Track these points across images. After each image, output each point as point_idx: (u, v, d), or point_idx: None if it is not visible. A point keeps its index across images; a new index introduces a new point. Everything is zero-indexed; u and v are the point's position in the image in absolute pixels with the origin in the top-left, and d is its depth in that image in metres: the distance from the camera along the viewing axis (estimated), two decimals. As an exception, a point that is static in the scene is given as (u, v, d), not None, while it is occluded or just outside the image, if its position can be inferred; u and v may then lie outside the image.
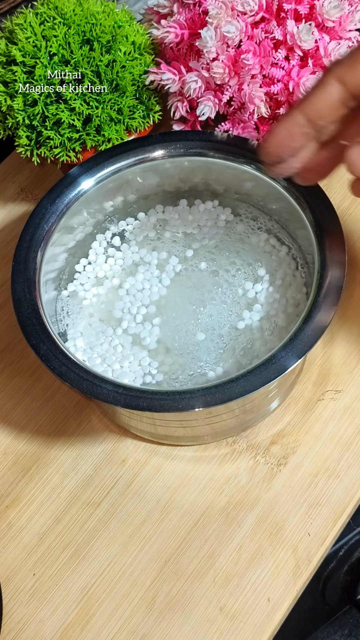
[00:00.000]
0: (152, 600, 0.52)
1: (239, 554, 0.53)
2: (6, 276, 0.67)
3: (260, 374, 0.47)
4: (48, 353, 0.49)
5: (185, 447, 0.57)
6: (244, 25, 0.58)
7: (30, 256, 0.53)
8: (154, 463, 0.57)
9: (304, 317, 0.49)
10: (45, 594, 0.53)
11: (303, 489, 0.55)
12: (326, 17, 0.58)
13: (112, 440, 0.58)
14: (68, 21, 0.59)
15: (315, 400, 0.58)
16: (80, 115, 0.59)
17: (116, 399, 0.47)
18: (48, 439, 0.59)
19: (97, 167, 0.57)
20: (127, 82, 0.60)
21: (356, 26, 0.59)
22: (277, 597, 0.52)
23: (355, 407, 0.58)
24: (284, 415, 0.58)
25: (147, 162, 0.58)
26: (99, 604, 0.53)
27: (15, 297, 0.51)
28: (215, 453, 0.57)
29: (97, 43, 0.59)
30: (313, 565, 0.53)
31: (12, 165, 0.74)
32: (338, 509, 0.54)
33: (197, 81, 0.60)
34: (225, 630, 0.51)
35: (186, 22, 0.61)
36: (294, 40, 0.57)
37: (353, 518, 0.56)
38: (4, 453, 0.59)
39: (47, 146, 0.60)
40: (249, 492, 0.55)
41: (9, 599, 0.53)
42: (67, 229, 0.57)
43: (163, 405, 0.46)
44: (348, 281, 0.62)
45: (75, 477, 0.57)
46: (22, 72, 0.58)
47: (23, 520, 0.56)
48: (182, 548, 0.54)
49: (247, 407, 0.53)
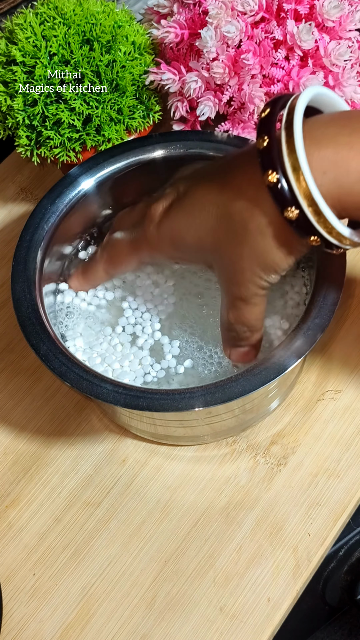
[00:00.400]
0: (152, 600, 0.52)
1: (239, 554, 0.53)
2: (6, 276, 0.67)
3: (260, 373, 0.47)
4: (48, 353, 0.49)
5: (185, 447, 0.57)
6: (244, 25, 0.58)
7: (30, 256, 0.53)
8: (154, 463, 0.57)
9: (304, 317, 0.49)
10: (45, 594, 0.53)
11: (303, 489, 0.55)
12: (326, 17, 0.58)
13: (112, 440, 0.58)
14: (68, 21, 0.59)
15: (315, 400, 0.58)
16: (80, 115, 0.59)
17: (116, 398, 0.47)
18: (48, 439, 0.59)
19: (97, 167, 0.57)
20: (127, 82, 0.60)
21: (356, 26, 0.59)
22: (277, 597, 0.52)
23: (355, 407, 0.58)
24: (284, 415, 0.58)
25: (147, 162, 0.58)
26: (99, 604, 0.53)
27: (15, 297, 0.51)
28: (215, 453, 0.57)
29: (97, 43, 0.59)
30: (313, 565, 0.52)
31: (12, 165, 0.74)
32: (338, 509, 0.54)
33: (197, 81, 0.60)
34: (225, 630, 0.51)
35: (186, 22, 0.61)
36: (294, 40, 0.57)
37: (353, 518, 0.56)
38: (4, 453, 0.59)
39: (47, 146, 0.60)
40: (249, 492, 0.55)
41: (9, 599, 0.53)
42: (67, 229, 0.57)
43: (163, 405, 0.46)
44: (348, 281, 0.62)
45: (75, 477, 0.57)
46: (22, 72, 0.58)
47: (23, 520, 0.56)
48: (182, 548, 0.54)
49: (247, 407, 0.53)
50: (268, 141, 0.41)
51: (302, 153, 0.40)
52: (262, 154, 0.42)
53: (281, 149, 0.41)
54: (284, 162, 0.41)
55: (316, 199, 0.40)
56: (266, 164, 0.41)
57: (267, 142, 0.41)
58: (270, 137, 0.41)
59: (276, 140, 0.41)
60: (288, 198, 0.41)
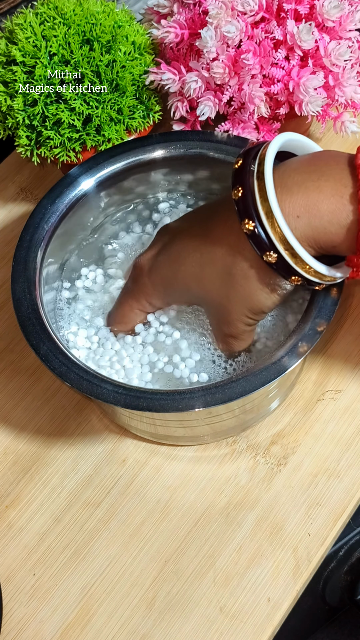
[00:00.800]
0: (152, 601, 0.52)
1: (239, 554, 0.53)
2: (6, 276, 0.67)
3: (260, 374, 0.47)
4: (48, 353, 0.49)
5: (185, 447, 0.57)
6: (244, 25, 0.58)
7: (30, 256, 0.53)
8: (154, 463, 0.57)
9: (304, 317, 0.49)
10: (45, 594, 0.53)
11: (303, 489, 0.55)
12: (326, 17, 0.57)
13: (112, 440, 0.58)
14: (68, 21, 0.59)
15: (315, 400, 0.58)
16: (80, 115, 0.59)
17: (116, 399, 0.47)
18: (48, 439, 0.59)
19: (97, 167, 0.57)
20: (127, 82, 0.60)
21: (356, 26, 0.59)
22: (277, 597, 0.52)
23: (355, 407, 0.58)
24: (284, 415, 0.58)
25: (147, 162, 0.58)
26: (99, 604, 0.53)
27: (15, 297, 0.51)
28: (215, 453, 0.57)
29: (97, 43, 0.59)
30: (313, 565, 0.53)
31: (12, 165, 0.74)
32: (338, 509, 0.54)
33: (197, 81, 0.60)
34: (225, 630, 0.51)
35: (186, 22, 0.61)
36: (294, 40, 0.57)
37: (353, 518, 0.56)
38: (4, 453, 0.59)
39: (47, 146, 0.60)
40: (249, 492, 0.55)
41: (9, 599, 0.53)
42: (67, 230, 0.57)
43: (163, 405, 0.46)
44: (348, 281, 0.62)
45: (75, 477, 0.57)
46: (22, 72, 0.58)
47: (23, 520, 0.56)
48: (182, 548, 0.54)
49: (247, 407, 0.53)
50: (242, 191, 0.44)
51: (274, 201, 0.43)
52: (238, 204, 0.44)
53: (255, 199, 0.43)
54: (259, 211, 0.43)
55: (291, 243, 0.43)
56: (242, 213, 0.44)
57: (242, 193, 0.44)
58: (245, 188, 0.44)
59: (250, 191, 0.44)
60: (266, 243, 0.44)
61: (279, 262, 0.44)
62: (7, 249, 0.69)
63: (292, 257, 0.44)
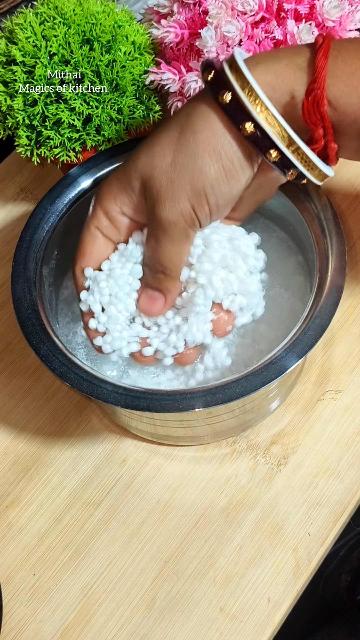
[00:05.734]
0: (152, 601, 0.52)
1: (239, 554, 0.53)
2: (6, 276, 0.67)
3: (261, 374, 0.47)
4: (48, 353, 0.49)
5: (186, 447, 0.57)
6: (244, 25, 0.58)
7: (30, 256, 0.53)
8: (154, 463, 0.57)
9: (304, 317, 0.49)
10: (45, 594, 0.53)
11: (303, 489, 0.55)
12: (326, 17, 0.57)
13: (112, 440, 0.58)
14: (68, 21, 0.59)
15: (315, 400, 0.58)
16: (80, 115, 0.59)
17: (116, 399, 0.47)
18: (48, 439, 0.59)
19: (97, 167, 0.57)
20: (127, 82, 0.60)
21: (356, 26, 0.59)
22: (277, 597, 0.52)
23: (355, 407, 0.58)
24: (284, 415, 0.58)
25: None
26: (99, 604, 0.53)
27: (15, 297, 0.51)
28: (215, 453, 0.57)
29: (97, 43, 0.59)
30: (313, 565, 0.53)
31: (12, 165, 0.74)
32: (338, 509, 0.54)
33: (197, 81, 0.60)
34: (225, 630, 0.51)
35: (186, 22, 0.61)
36: (294, 40, 0.57)
37: (353, 518, 0.56)
38: (4, 453, 0.59)
39: (47, 146, 0.60)
40: (249, 492, 0.55)
41: (9, 599, 0.53)
42: (67, 229, 0.57)
43: (163, 406, 0.46)
44: (348, 281, 0.62)
45: (75, 477, 0.57)
46: (22, 72, 0.58)
47: (23, 520, 0.56)
48: (182, 548, 0.54)
49: (248, 407, 0.53)
50: (214, 72, 0.44)
51: (247, 72, 0.43)
52: (211, 84, 0.44)
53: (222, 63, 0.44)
54: (231, 83, 0.43)
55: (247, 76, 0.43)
56: (216, 88, 0.44)
57: (214, 73, 0.44)
58: (215, 70, 0.44)
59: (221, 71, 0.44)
60: (223, 83, 0.43)
61: (232, 102, 0.43)
62: (7, 249, 0.69)
63: (247, 95, 0.43)
